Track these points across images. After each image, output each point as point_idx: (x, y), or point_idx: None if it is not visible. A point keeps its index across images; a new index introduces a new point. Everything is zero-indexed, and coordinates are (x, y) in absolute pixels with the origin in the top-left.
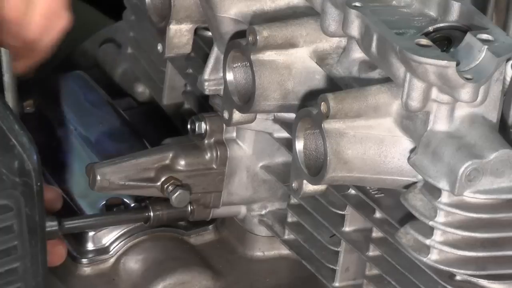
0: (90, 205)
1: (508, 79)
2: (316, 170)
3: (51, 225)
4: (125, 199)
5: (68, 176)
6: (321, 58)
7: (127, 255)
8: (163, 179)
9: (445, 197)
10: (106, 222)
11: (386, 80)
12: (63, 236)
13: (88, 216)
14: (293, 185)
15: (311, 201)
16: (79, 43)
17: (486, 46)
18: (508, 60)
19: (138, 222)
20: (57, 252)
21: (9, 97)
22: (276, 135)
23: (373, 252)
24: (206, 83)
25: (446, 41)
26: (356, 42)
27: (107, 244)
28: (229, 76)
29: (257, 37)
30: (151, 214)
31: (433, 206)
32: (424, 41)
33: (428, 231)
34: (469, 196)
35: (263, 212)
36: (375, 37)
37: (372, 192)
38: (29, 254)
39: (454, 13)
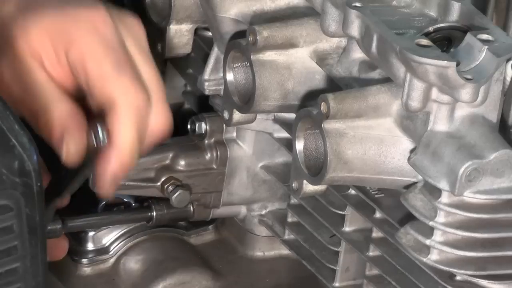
0: (90, 205)
1: (508, 79)
2: (316, 170)
3: (54, 223)
4: (125, 199)
5: None
6: (321, 58)
7: (127, 255)
8: (163, 179)
9: (445, 197)
10: (109, 221)
11: (386, 80)
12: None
13: (91, 215)
14: (293, 185)
15: (311, 201)
16: None
17: (486, 46)
18: (508, 60)
19: (140, 222)
20: (59, 246)
21: None
22: (276, 135)
23: (373, 252)
24: (206, 83)
25: (446, 41)
26: (356, 42)
27: (107, 244)
28: (229, 76)
29: (257, 37)
30: (154, 213)
31: (433, 206)
32: (424, 41)
33: (428, 231)
34: (469, 196)
35: (263, 212)
36: (375, 37)
37: (372, 192)
38: (29, 254)
39: (454, 13)
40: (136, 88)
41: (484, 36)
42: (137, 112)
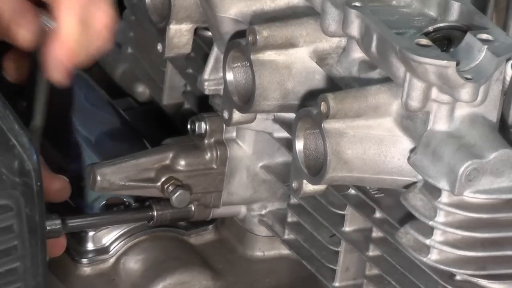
0: (90, 205)
1: (508, 79)
2: (316, 170)
3: (55, 223)
4: (125, 199)
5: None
6: (321, 58)
7: (127, 255)
8: (163, 179)
9: (445, 197)
10: (109, 221)
11: (386, 80)
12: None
13: (91, 214)
14: (293, 185)
15: (311, 201)
16: None
17: (486, 46)
18: (508, 60)
19: (141, 221)
20: (58, 243)
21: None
22: (276, 135)
23: (373, 252)
24: (206, 83)
25: (446, 41)
26: (356, 42)
27: (107, 244)
28: (229, 76)
29: (257, 37)
30: (155, 213)
31: (433, 206)
32: (424, 41)
33: (428, 231)
34: (469, 196)
35: (263, 212)
36: (375, 37)
37: (372, 192)
38: (29, 254)
39: (454, 13)
40: None
41: (484, 36)
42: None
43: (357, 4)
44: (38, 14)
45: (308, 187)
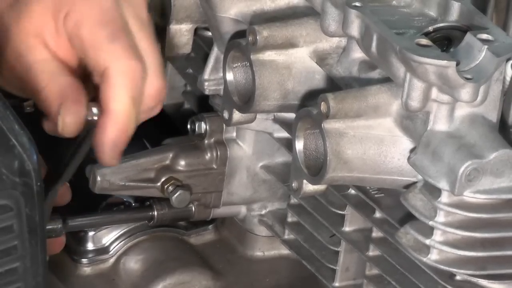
0: (91, 206)
1: (508, 79)
2: (316, 170)
3: (56, 223)
4: (125, 199)
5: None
6: (321, 58)
7: (127, 255)
8: (163, 179)
9: (445, 197)
10: (110, 221)
11: (386, 80)
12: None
13: (92, 214)
14: (293, 185)
15: (311, 201)
16: None
17: (486, 46)
18: (508, 60)
19: (142, 221)
20: (57, 240)
21: None
22: (276, 135)
23: (373, 252)
24: (206, 83)
25: (446, 41)
26: (356, 42)
27: (107, 244)
28: (229, 76)
29: (257, 37)
30: (155, 213)
31: (433, 206)
32: (424, 41)
33: (428, 231)
34: (469, 196)
35: (263, 212)
36: (375, 37)
37: (372, 192)
38: (29, 254)
39: (454, 13)
40: (129, 55)
41: (484, 36)
42: (130, 79)
43: (357, 4)
44: (87, 100)
45: (308, 187)
